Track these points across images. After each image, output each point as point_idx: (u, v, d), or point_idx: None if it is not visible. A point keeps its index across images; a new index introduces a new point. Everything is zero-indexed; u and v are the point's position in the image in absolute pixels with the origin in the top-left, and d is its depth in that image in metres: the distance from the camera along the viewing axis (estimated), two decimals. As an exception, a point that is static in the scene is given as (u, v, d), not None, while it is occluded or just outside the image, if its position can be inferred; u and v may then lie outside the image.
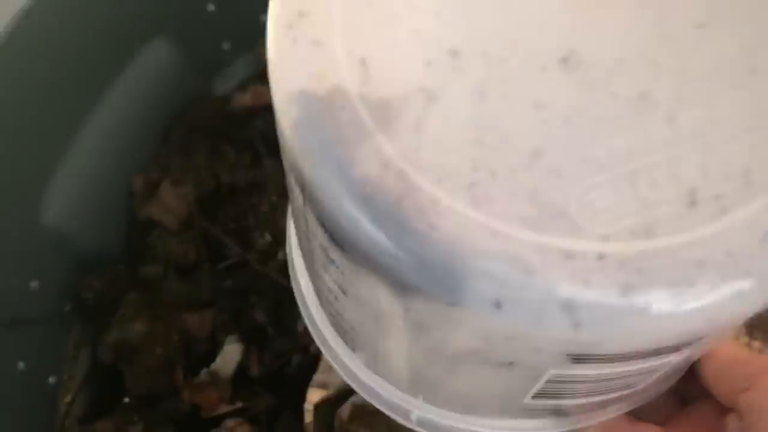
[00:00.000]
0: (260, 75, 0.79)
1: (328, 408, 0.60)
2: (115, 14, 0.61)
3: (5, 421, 0.55)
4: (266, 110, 0.74)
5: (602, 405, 0.29)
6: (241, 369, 0.63)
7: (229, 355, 0.61)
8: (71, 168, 0.62)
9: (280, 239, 0.65)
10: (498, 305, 0.19)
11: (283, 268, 0.64)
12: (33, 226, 0.59)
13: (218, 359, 0.61)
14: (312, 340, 0.61)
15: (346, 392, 0.60)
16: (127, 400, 0.64)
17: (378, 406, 0.34)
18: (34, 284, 0.60)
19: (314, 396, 0.58)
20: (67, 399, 0.65)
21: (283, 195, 0.68)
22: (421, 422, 0.33)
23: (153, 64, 0.67)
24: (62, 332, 0.65)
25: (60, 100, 0.59)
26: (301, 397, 0.61)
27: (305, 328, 0.61)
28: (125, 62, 0.64)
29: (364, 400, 0.60)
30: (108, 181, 0.67)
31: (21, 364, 0.58)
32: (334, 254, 0.23)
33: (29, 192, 0.59)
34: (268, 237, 0.65)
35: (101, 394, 0.67)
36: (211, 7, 0.69)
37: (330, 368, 0.59)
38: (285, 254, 0.63)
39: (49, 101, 0.58)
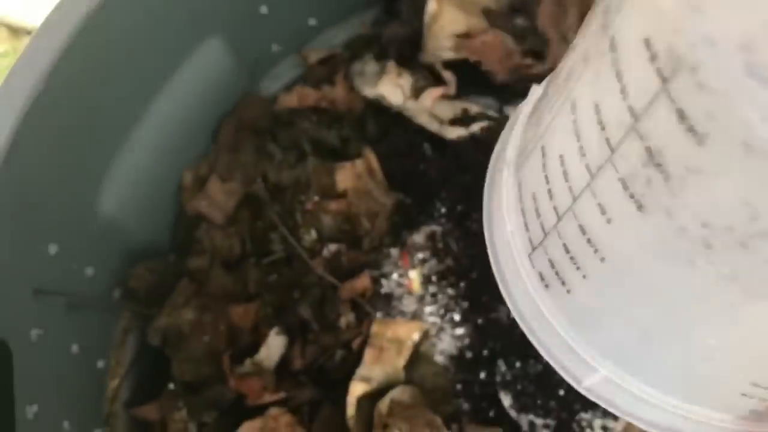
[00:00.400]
0: (305, 77, 0.80)
1: (368, 402, 0.61)
2: (173, 13, 0.63)
3: (60, 402, 0.57)
4: (311, 111, 0.76)
5: None
6: (284, 361, 0.64)
7: (273, 347, 0.63)
8: (126, 160, 0.64)
9: (324, 236, 0.66)
10: None
11: (328, 264, 0.65)
12: (91, 215, 0.61)
13: (262, 350, 0.63)
14: (353, 336, 0.62)
15: (387, 387, 0.61)
16: (172, 386, 0.65)
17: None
18: (89, 271, 0.61)
19: (357, 389, 0.59)
20: (114, 384, 0.67)
21: (326, 195, 0.70)
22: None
23: (207, 63, 0.69)
24: (111, 318, 0.67)
25: (120, 94, 0.61)
26: (342, 391, 0.62)
27: (348, 325, 0.63)
28: (181, 60, 0.66)
29: (403, 396, 0.62)
30: (159, 174, 0.69)
31: (75, 347, 0.60)
32: (684, 150, 0.21)
33: (89, 181, 0.60)
34: (313, 234, 0.66)
35: (147, 380, 0.69)
36: (264, 10, 0.70)
37: (373, 363, 0.61)
38: (329, 251, 0.65)
39: (110, 94, 0.59)
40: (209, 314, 0.64)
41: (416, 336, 0.61)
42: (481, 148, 0.68)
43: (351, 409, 0.59)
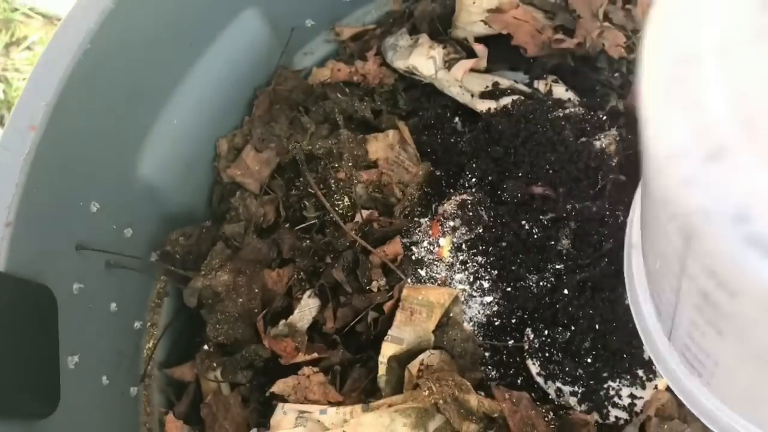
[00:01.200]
0: (338, 52, 0.80)
1: (398, 364, 0.61)
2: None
3: (98, 357, 0.57)
4: (344, 85, 0.76)
5: None
6: (316, 324, 0.64)
7: (306, 308, 0.63)
8: (165, 126, 0.64)
9: (357, 203, 0.66)
10: None
11: (360, 230, 0.65)
12: (131, 177, 0.61)
13: (296, 312, 0.63)
14: (385, 299, 0.62)
15: (417, 351, 0.60)
16: (206, 347, 0.66)
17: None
18: (128, 232, 0.62)
19: (389, 349, 0.58)
20: (150, 344, 0.67)
21: (358, 165, 0.70)
22: None
23: (243, 35, 0.69)
24: (147, 281, 0.67)
25: (161, 59, 0.61)
26: (371, 354, 0.62)
27: (379, 288, 0.62)
28: (218, 31, 0.66)
29: (433, 360, 0.61)
30: (196, 142, 0.69)
31: (113, 305, 0.60)
32: (720, 298, 0.23)
33: (129, 144, 0.61)
34: (346, 201, 0.66)
35: (182, 342, 0.69)
36: (299, -17, 0.71)
37: (404, 325, 0.60)
38: (362, 217, 0.65)
39: (151, 60, 0.60)
40: (244, 277, 0.64)
41: (446, 301, 0.61)
42: (513, 120, 0.68)
43: (382, 368, 0.58)
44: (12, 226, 0.45)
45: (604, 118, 0.68)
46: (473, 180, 0.66)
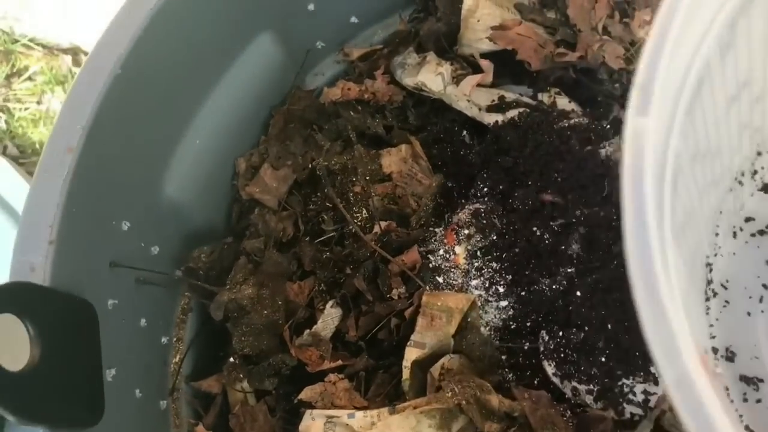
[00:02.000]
0: (347, 72, 0.83)
1: (420, 369, 0.62)
2: (230, 8, 0.65)
3: (132, 371, 0.59)
4: (355, 103, 0.78)
5: None
6: (339, 333, 0.65)
7: (330, 318, 0.64)
8: (188, 147, 0.66)
9: (374, 215, 0.68)
10: None
11: (379, 240, 0.67)
12: (157, 196, 0.63)
13: (319, 322, 0.64)
14: (406, 306, 0.64)
15: (438, 355, 0.62)
16: (232, 359, 0.67)
17: None
18: (155, 249, 0.63)
19: (412, 354, 0.60)
20: (176, 359, 0.69)
21: (373, 179, 0.72)
22: None
23: (259, 57, 0.71)
24: (173, 297, 0.69)
25: (183, 86, 0.63)
26: (394, 360, 0.64)
27: (399, 296, 0.64)
28: (237, 54, 0.68)
29: (453, 364, 0.63)
30: (216, 162, 0.71)
31: (143, 321, 0.62)
32: None
33: (156, 165, 0.62)
34: (364, 213, 0.68)
35: (207, 357, 0.71)
36: (311, 7, 0.73)
37: (425, 330, 0.62)
38: (380, 228, 0.67)
39: (174, 86, 0.62)
40: (267, 290, 0.66)
41: (465, 306, 0.62)
42: (520, 131, 0.70)
43: (406, 372, 0.60)
44: (54, 244, 0.47)
45: (608, 127, 0.70)
46: (485, 189, 0.68)
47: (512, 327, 0.66)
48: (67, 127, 0.49)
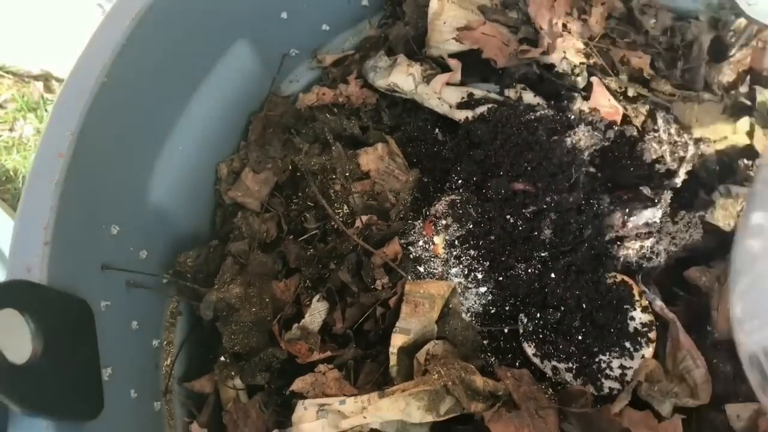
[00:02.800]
0: (321, 78, 0.85)
1: (406, 355, 0.64)
2: (208, 18, 0.67)
3: (126, 371, 0.59)
4: (331, 106, 0.80)
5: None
6: (326, 326, 0.67)
7: (316, 311, 0.66)
8: (172, 153, 0.67)
9: (355, 211, 0.70)
10: None
11: (360, 234, 0.69)
12: (144, 201, 0.64)
13: (307, 316, 0.66)
14: (390, 295, 0.65)
15: (425, 339, 0.64)
16: (223, 358, 0.68)
17: None
18: (143, 254, 0.65)
19: (398, 341, 0.62)
20: (168, 362, 0.70)
21: (351, 177, 0.74)
22: None
23: (236, 65, 0.73)
24: (161, 300, 0.70)
25: (165, 93, 0.65)
26: (380, 349, 0.65)
27: (383, 286, 0.66)
28: (215, 61, 0.70)
29: (437, 350, 0.65)
30: (199, 168, 0.72)
31: (135, 323, 0.63)
32: None
33: (142, 170, 0.64)
34: (345, 209, 0.70)
35: (197, 358, 0.72)
36: (284, 15, 0.75)
37: (410, 316, 0.64)
38: (362, 222, 0.69)
39: (157, 93, 0.63)
40: (254, 289, 0.67)
41: (446, 292, 0.64)
42: (490, 126, 0.73)
43: (393, 358, 0.62)
44: (49, 245, 0.48)
45: (572, 117, 0.73)
46: (459, 182, 0.71)
47: (492, 312, 0.68)
48: (57, 133, 0.51)
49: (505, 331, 0.68)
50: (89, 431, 0.49)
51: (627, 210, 0.69)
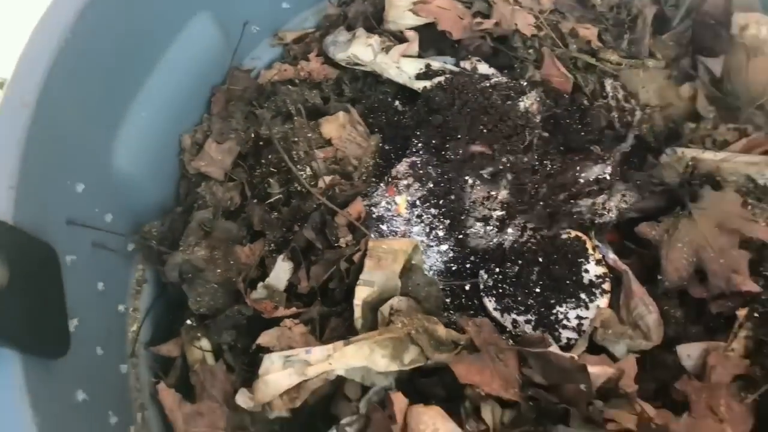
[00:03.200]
0: (283, 56, 0.87)
1: (371, 310, 0.66)
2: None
3: (92, 329, 0.60)
4: (291, 82, 0.82)
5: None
6: (291, 287, 0.68)
7: (281, 270, 0.67)
8: (135, 121, 0.68)
9: (317, 174, 0.71)
10: None
11: (324, 195, 0.70)
12: (108, 165, 0.65)
13: (271, 275, 0.67)
14: (354, 252, 0.67)
15: (388, 294, 0.65)
16: (189, 322, 0.69)
17: None
18: (108, 217, 0.65)
19: (362, 293, 0.63)
20: (134, 328, 0.70)
21: (314, 146, 0.75)
22: None
23: (197, 37, 0.74)
24: (127, 267, 0.70)
25: (128, 57, 0.66)
26: (345, 307, 0.67)
27: (347, 244, 0.67)
28: (177, 32, 0.72)
29: (401, 305, 0.66)
30: (163, 136, 0.73)
31: (101, 285, 0.63)
32: None
33: (106, 132, 0.65)
34: (308, 171, 0.71)
35: (163, 326, 0.72)
36: (244, -11, 0.77)
37: (373, 269, 0.65)
38: (325, 183, 0.70)
39: (120, 56, 0.64)
40: (219, 251, 0.68)
41: (408, 248, 0.66)
42: (448, 93, 0.75)
43: (357, 310, 0.63)
44: (15, 190, 0.49)
45: (525, 84, 0.76)
46: (419, 145, 0.73)
47: (453, 269, 0.70)
48: (22, 82, 0.52)
49: (467, 287, 0.70)
50: (56, 374, 0.49)
51: (578, 168, 0.72)
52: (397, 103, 0.80)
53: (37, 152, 0.52)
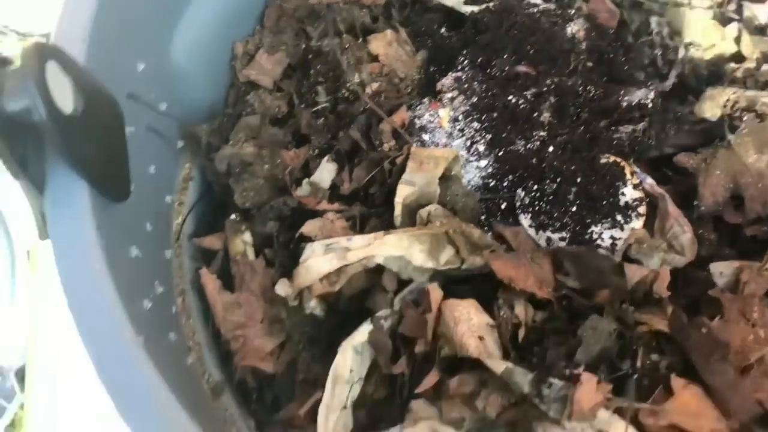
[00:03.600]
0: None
1: (409, 213, 0.67)
2: None
3: (142, 204, 0.62)
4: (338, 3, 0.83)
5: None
6: (334, 188, 0.70)
7: (325, 170, 0.69)
8: (194, 18, 0.70)
9: (365, 83, 0.73)
10: None
11: (371, 100, 0.72)
12: (166, 55, 0.67)
13: (315, 174, 0.69)
14: (397, 155, 0.68)
15: (427, 199, 0.67)
16: (233, 216, 0.71)
17: None
18: (163, 105, 0.67)
19: (403, 191, 0.65)
20: (178, 220, 0.72)
21: (362, 60, 0.77)
22: None
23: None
24: (175, 162, 0.73)
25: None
26: (385, 209, 0.68)
27: (391, 148, 0.69)
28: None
29: (438, 212, 0.67)
30: (217, 42, 0.76)
31: (152, 168, 0.65)
32: None
33: (166, 23, 0.67)
34: (356, 78, 0.73)
35: (207, 221, 0.74)
36: None
37: (415, 171, 0.67)
38: (373, 89, 0.72)
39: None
40: (266, 150, 0.70)
41: (449, 156, 0.68)
42: (495, 15, 0.77)
43: (398, 208, 0.65)
44: (86, 44, 0.51)
45: (573, 12, 0.78)
46: (465, 62, 0.74)
47: (491, 185, 0.72)
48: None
49: (502, 206, 0.71)
50: (115, 221, 0.51)
51: (621, 92, 0.73)
52: (443, 30, 0.82)
53: (107, 19, 0.54)
